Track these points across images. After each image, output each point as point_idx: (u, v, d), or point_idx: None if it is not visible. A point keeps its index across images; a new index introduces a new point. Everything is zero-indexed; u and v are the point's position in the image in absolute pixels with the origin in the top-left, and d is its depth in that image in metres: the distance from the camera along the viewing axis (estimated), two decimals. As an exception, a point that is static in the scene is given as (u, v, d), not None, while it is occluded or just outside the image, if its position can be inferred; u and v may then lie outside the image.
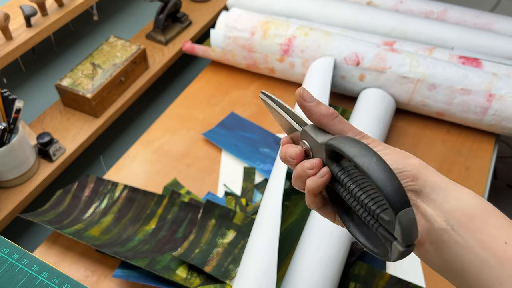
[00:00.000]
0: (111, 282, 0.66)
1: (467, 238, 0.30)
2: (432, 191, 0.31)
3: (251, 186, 0.78)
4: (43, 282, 0.37)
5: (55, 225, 0.69)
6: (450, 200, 0.31)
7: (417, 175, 0.32)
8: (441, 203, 0.31)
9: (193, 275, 0.64)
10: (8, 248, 0.39)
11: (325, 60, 0.86)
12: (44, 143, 0.80)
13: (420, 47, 0.90)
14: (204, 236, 0.69)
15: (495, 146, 0.86)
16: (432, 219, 0.31)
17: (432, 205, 0.31)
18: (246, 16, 0.93)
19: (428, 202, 0.31)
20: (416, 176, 0.32)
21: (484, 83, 0.80)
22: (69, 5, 0.87)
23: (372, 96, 0.84)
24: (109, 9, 1.06)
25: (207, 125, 0.89)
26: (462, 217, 0.30)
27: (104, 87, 0.89)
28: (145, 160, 0.83)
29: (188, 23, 1.12)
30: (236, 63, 0.98)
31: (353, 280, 0.64)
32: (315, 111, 0.34)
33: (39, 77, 0.93)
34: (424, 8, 1.02)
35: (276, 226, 0.61)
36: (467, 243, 0.30)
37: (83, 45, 1.01)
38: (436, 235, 0.31)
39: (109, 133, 1.03)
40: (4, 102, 0.73)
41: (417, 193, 0.32)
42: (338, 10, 0.99)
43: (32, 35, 0.80)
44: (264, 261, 0.58)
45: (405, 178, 0.32)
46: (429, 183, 0.32)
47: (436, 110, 0.85)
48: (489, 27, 0.98)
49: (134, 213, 0.73)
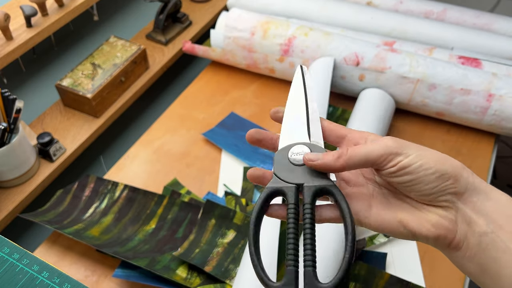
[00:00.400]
0: (111, 282, 0.66)
1: (507, 241, 0.29)
2: (472, 193, 0.31)
3: (251, 186, 0.78)
4: (43, 282, 0.37)
5: (55, 225, 0.69)
6: (490, 202, 0.31)
7: (458, 177, 0.31)
8: (481, 205, 0.31)
9: (193, 275, 0.64)
10: (8, 248, 0.39)
11: (325, 60, 0.86)
12: (44, 143, 0.80)
13: (420, 47, 0.90)
14: (204, 236, 0.69)
15: (494, 146, 0.86)
16: (473, 222, 0.31)
17: (472, 207, 0.31)
18: (246, 16, 0.93)
19: (469, 204, 0.31)
20: (457, 178, 0.31)
21: (484, 83, 0.80)
22: (69, 5, 0.87)
23: (372, 96, 0.84)
24: (109, 9, 1.06)
25: (207, 125, 0.89)
26: (501, 219, 0.30)
27: (104, 87, 0.89)
28: (145, 160, 0.83)
29: (188, 23, 1.12)
30: (236, 63, 0.98)
31: (353, 280, 0.65)
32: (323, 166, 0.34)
33: (39, 77, 0.93)
34: (424, 8, 1.02)
35: (276, 226, 0.61)
36: (507, 246, 0.29)
37: (83, 45, 1.01)
38: (475, 239, 0.31)
39: (109, 133, 1.03)
40: (5, 102, 0.73)
41: (458, 195, 0.31)
42: (338, 10, 0.99)
43: (32, 35, 0.81)
44: (264, 261, 0.58)
45: (447, 180, 0.31)
46: (470, 185, 0.31)
47: (436, 110, 0.85)
48: (488, 27, 0.98)
49: (134, 213, 0.73)
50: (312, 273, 0.31)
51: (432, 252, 0.69)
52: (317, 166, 0.33)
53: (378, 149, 0.32)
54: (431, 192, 0.31)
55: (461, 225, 0.31)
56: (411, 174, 0.31)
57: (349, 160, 0.32)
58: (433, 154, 0.32)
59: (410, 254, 0.69)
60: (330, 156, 0.33)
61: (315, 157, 0.33)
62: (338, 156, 0.33)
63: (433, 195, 0.31)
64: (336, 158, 0.32)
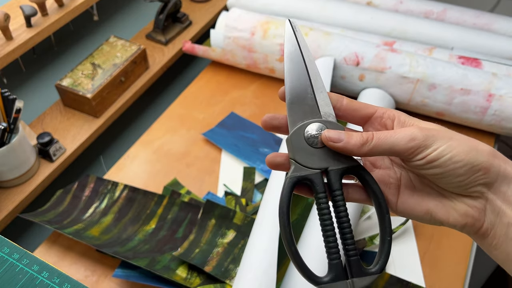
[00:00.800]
0: (111, 282, 0.66)
1: None
2: (502, 182, 0.30)
3: (251, 186, 0.78)
4: (43, 282, 0.37)
5: (55, 225, 0.69)
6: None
7: (489, 167, 0.30)
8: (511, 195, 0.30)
9: (193, 275, 0.64)
10: (8, 248, 0.39)
11: (325, 60, 0.86)
12: (44, 143, 0.80)
13: (420, 47, 0.90)
14: (204, 236, 0.69)
15: (494, 146, 0.86)
16: (501, 213, 0.30)
17: (502, 197, 0.30)
18: (246, 16, 0.93)
19: (499, 193, 0.30)
20: (488, 168, 0.30)
21: (484, 83, 0.80)
22: (69, 5, 0.87)
23: (372, 96, 0.84)
24: (109, 9, 1.06)
25: (207, 125, 0.89)
26: None
27: (104, 87, 0.89)
28: (145, 160, 0.83)
29: (188, 23, 1.12)
30: (236, 63, 0.98)
31: (353, 280, 0.64)
32: (348, 148, 0.31)
33: (39, 77, 0.93)
34: (424, 8, 1.02)
35: (276, 226, 0.61)
36: None
37: (83, 45, 1.01)
38: (502, 229, 0.30)
39: (109, 133, 1.03)
40: (4, 102, 0.73)
41: (488, 186, 0.31)
42: (338, 10, 0.99)
43: (32, 35, 0.81)
44: (264, 261, 0.58)
45: (477, 172, 0.30)
46: (501, 174, 0.30)
47: (436, 110, 0.85)
48: (488, 27, 0.98)
49: (134, 213, 0.73)
50: (358, 261, 0.31)
51: (432, 252, 0.69)
52: (338, 148, 0.31)
53: (404, 141, 0.30)
54: (461, 185, 0.31)
55: (489, 215, 0.31)
56: (440, 168, 0.30)
57: (374, 148, 0.31)
58: (463, 143, 0.30)
59: (410, 254, 0.69)
60: (353, 140, 0.31)
61: (338, 137, 0.31)
62: (362, 142, 0.31)
63: (463, 187, 0.31)
64: (360, 144, 0.31)
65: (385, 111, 0.34)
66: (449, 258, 0.68)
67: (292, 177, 0.31)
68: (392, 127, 0.33)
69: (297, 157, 0.32)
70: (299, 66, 0.34)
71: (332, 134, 0.31)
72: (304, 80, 0.33)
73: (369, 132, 0.31)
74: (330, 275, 0.30)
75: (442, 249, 0.70)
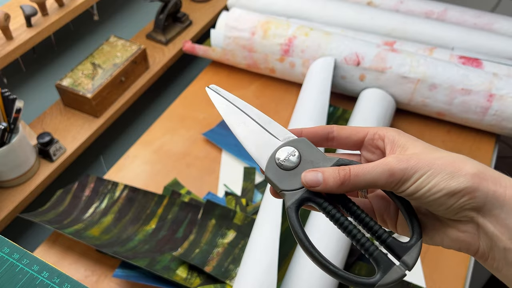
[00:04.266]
0: (111, 282, 0.66)
1: None
2: (493, 206, 0.28)
3: (251, 186, 0.78)
4: (43, 282, 0.37)
5: (55, 225, 0.69)
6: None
7: (474, 191, 0.28)
8: (505, 218, 0.28)
9: (193, 275, 0.64)
10: (8, 248, 0.39)
11: (325, 60, 0.86)
12: (44, 143, 0.80)
13: (420, 47, 0.90)
14: (204, 236, 0.69)
15: (495, 146, 0.86)
16: (495, 237, 0.28)
17: (495, 221, 0.28)
18: (246, 16, 0.93)
19: (490, 217, 0.28)
20: (473, 192, 0.28)
21: (485, 83, 0.80)
22: (69, 5, 0.87)
23: (372, 96, 0.84)
24: (109, 9, 1.06)
25: (207, 125, 0.89)
26: None
27: (104, 87, 0.89)
28: (145, 160, 0.83)
29: (189, 23, 1.12)
30: (236, 63, 0.98)
31: (353, 280, 0.64)
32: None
33: (39, 77, 0.93)
34: (424, 8, 1.02)
35: (277, 226, 0.61)
36: None
37: (83, 45, 1.01)
38: (500, 253, 0.29)
39: (109, 133, 1.03)
40: (5, 102, 0.73)
41: (477, 210, 0.29)
42: (338, 10, 0.99)
43: (32, 35, 0.80)
44: (264, 261, 0.58)
45: (461, 198, 0.28)
46: (489, 197, 0.28)
47: (437, 110, 0.85)
48: (489, 27, 0.98)
49: (134, 213, 0.73)
50: (394, 241, 0.30)
51: (432, 252, 0.69)
52: (319, 191, 0.31)
53: (382, 178, 0.29)
54: (447, 211, 0.29)
55: (484, 239, 0.29)
56: (421, 199, 0.29)
57: (354, 186, 0.30)
58: (445, 168, 0.29)
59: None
60: (331, 182, 0.30)
61: (315, 180, 0.31)
62: (340, 182, 0.30)
63: (450, 213, 0.29)
64: (339, 184, 0.30)
65: (376, 131, 0.33)
66: (449, 259, 0.68)
67: (291, 206, 0.31)
68: (384, 148, 0.32)
69: (283, 185, 0.32)
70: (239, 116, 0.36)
71: (309, 177, 0.31)
72: (252, 125, 0.36)
73: (346, 168, 0.30)
74: (379, 270, 0.29)
75: (442, 249, 0.69)
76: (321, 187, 0.30)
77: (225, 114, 0.36)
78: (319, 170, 0.31)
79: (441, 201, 0.29)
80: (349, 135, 0.34)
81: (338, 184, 0.30)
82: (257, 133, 0.35)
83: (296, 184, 0.31)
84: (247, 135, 0.35)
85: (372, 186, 0.30)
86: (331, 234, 0.62)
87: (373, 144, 0.33)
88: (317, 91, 0.81)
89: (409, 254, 0.29)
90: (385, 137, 0.32)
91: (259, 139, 0.35)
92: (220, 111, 0.36)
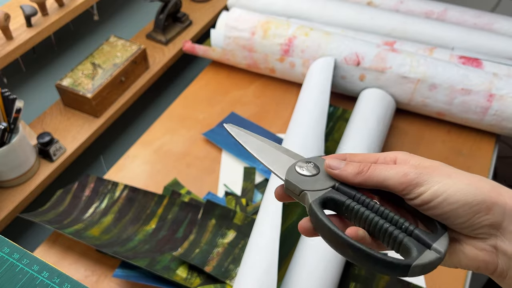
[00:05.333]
0: (111, 282, 0.66)
1: None
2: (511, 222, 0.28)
3: (251, 186, 0.78)
4: (43, 281, 0.37)
5: (55, 225, 0.69)
6: None
7: (491, 205, 0.28)
8: None
9: (193, 275, 0.64)
10: (8, 248, 0.39)
11: (325, 60, 0.86)
12: (45, 143, 0.80)
13: (421, 47, 0.90)
14: (204, 236, 0.69)
15: (495, 146, 0.86)
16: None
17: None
18: (246, 16, 0.93)
19: (508, 234, 0.28)
20: (490, 208, 0.28)
21: (485, 83, 0.80)
22: (69, 5, 0.87)
23: (372, 96, 0.84)
24: (109, 9, 1.06)
25: (207, 125, 0.89)
26: None
27: (104, 87, 0.89)
28: (145, 160, 0.83)
29: (189, 23, 1.12)
30: (236, 63, 0.98)
31: (353, 280, 0.64)
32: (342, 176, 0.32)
33: (39, 77, 0.93)
34: (424, 8, 1.02)
35: (277, 226, 0.61)
36: None
37: (83, 45, 1.01)
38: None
39: (109, 133, 1.03)
40: (5, 102, 0.73)
41: (495, 226, 0.28)
42: (338, 10, 0.99)
43: (32, 35, 0.80)
44: (264, 261, 0.58)
45: (478, 213, 0.28)
46: (508, 213, 0.28)
47: (437, 110, 0.85)
48: (489, 27, 0.98)
49: (134, 213, 0.73)
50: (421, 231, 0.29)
51: (432, 252, 0.69)
52: (334, 175, 0.32)
53: (397, 176, 0.29)
54: (464, 226, 0.29)
55: (502, 257, 0.28)
56: (437, 209, 0.29)
57: (367, 179, 0.31)
58: (461, 181, 0.28)
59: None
60: (350, 169, 0.32)
61: (337, 164, 0.32)
62: (358, 172, 0.31)
63: (467, 228, 0.29)
64: (355, 173, 0.31)
65: (386, 155, 0.33)
66: (449, 258, 0.68)
67: (315, 201, 0.31)
68: None
69: (305, 186, 0.33)
70: (265, 150, 0.36)
71: (332, 161, 0.33)
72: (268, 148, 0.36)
73: (368, 163, 0.32)
74: (412, 253, 0.28)
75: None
76: (339, 171, 0.32)
77: (245, 144, 0.36)
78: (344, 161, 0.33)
79: (458, 212, 0.28)
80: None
81: (355, 172, 0.31)
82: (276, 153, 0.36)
83: (318, 186, 0.32)
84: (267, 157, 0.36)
85: (385, 184, 0.30)
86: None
87: None
88: (317, 91, 0.81)
89: (439, 242, 0.29)
90: (397, 158, 0.33)
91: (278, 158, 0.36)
92: (242, 143, 0.36)
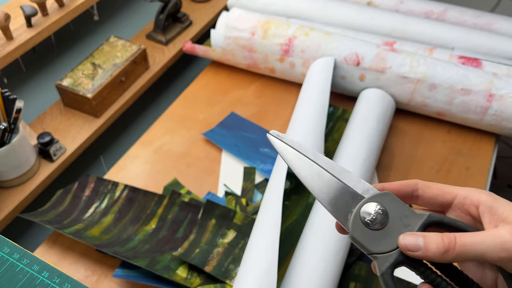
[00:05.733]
0: (111, 282, 0.66)
1: None
2: None
3: (251, 186, 0.78)
4: (44, 281, 0.37)
5: (55, 225, 0.69)
6: None
7: None
8: None
9: (193, 275, 0.64)
10: (8, 248, 0.39)
11: (325, 60, 0.86)
12: (45, 143, 0.80)
13: (420, 47, 0.90)
14: (204, 236, 0.69)
15: (495, 146, 0.86)
16: None
17: None
18: (246, 16, 0.93)
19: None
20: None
21: (484, 83, 0.80)
22: (69, 5, 0.87)
23: (372, 96, 0.84)
24: (109, 9, 1.06)
25: (207, 125, 0.89)
26: None
27: (104, 87, 0.89)
28: (145, 160, 0.83)
29: (189, 23, 1.12)
30: (236, 63, 0.98)
31: (353, 280, 0.64)
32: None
33: (39, 77, 0.93)
34: (424, 8, 1.02)
35: (277, 226, 0.61)
36: None
37: (83, 45, 1.01)
38: None
39: (110, 133, 1.03)
40: (5, 102, 0.73)
41: None
42: (338, 10, 0.99)
43: (32, 35, 0.81)
44: (264, 261, 0.58)
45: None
46: None
47: (436, 110, 0.85)
48: (489, 27, 0.98)
49: (134, 213, 0.73)
50: None
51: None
52: (418, 257, 0.28)
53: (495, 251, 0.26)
54: None
55: None
56: None
57: (458, 256, 0.27)
58: None
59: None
60: (433, 248, 0.28)
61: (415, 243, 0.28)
62: (443, 250, 0.27)
63: None
64: (441, 253, 0.27)
65: (466, 195, 0.31)
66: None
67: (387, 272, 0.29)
68: (478, 215, 0.30)
69: (374, 247, 0.29)
70: (311, 168, 0.32)
71: (408, 241, 0.28)
72: (326, 176, 0.32)
73: (451, 236, 0.28)
74: None
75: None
76: (421, 252, 0.28)
77: (295, 166, 0.32)
78: (419, 234, 0.28)
79: None
80: (435, 196, 0.32)
81: (441, 252, 0.28)
82: (333, 186, 0.32)
83: (388, 245, 0.29)
84: (323, 188, 0.32)
85: (479, 259, 0.27)
86: (331, 234, 0.62)
87: (463, 209, 0.31)
88: (317, 91, 0.81)
89: None
90: (480, 204, 0.30)
91: (336, 192, 0.32)
92: (288, 162, 0.33)
